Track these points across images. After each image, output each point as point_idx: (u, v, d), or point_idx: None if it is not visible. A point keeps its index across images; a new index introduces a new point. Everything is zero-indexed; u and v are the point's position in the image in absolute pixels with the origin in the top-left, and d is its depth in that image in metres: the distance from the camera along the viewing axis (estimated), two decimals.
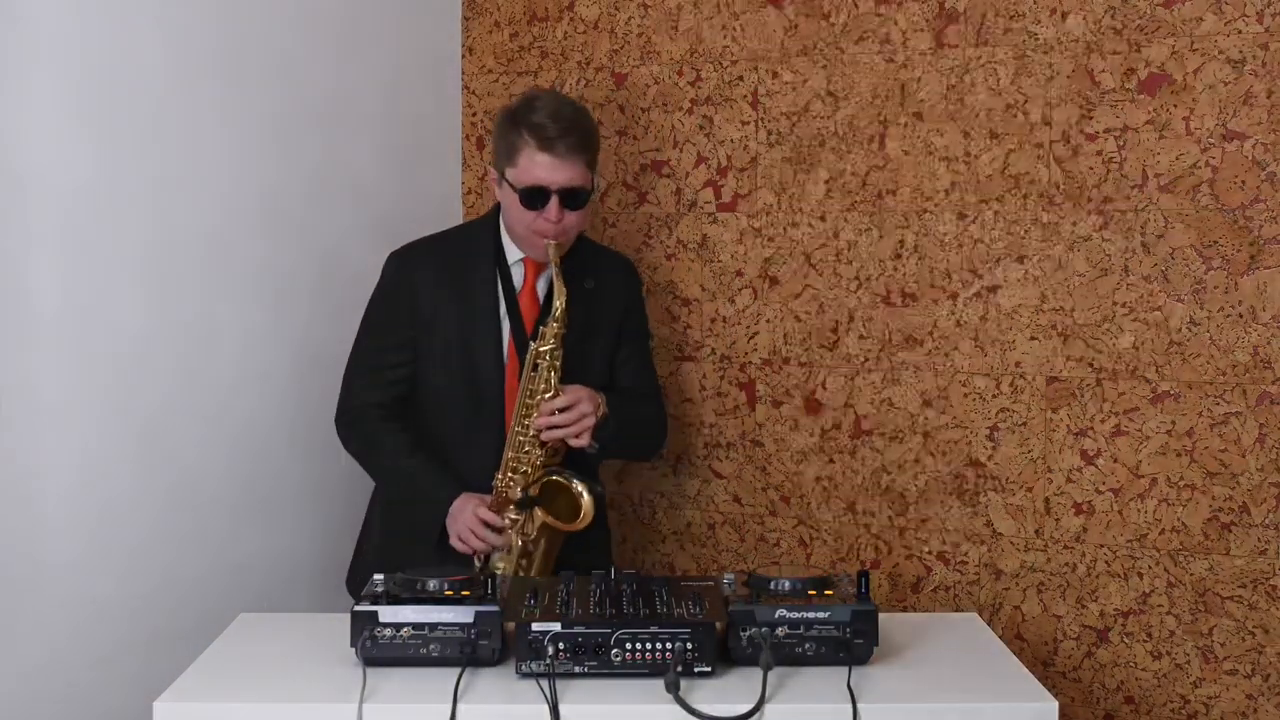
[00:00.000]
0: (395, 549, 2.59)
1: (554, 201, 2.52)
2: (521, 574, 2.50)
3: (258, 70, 2.73)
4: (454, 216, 3.29)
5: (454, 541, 2.53)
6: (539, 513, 2.50)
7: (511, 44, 3.26)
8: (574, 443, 2.52)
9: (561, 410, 2.50)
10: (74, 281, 2.37)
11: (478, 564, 2.52)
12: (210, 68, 2.62)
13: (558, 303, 2.51)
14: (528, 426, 2.52)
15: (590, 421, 2.52)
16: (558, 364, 2.52)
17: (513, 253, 2.65)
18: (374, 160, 3.06)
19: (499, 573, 2.39)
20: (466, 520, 2.51)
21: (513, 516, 2.50)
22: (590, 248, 2.78)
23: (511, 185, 2.56)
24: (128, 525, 2.48)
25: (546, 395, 2.52)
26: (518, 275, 2.66)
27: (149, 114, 2.49)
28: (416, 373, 2.67)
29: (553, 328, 2.51)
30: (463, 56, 3.32)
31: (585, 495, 2.53)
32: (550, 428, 2.50)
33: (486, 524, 2.49)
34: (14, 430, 2.27)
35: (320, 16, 2.90)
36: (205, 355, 2.63)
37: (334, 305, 2.91)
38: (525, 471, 2.52)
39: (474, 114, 3.31)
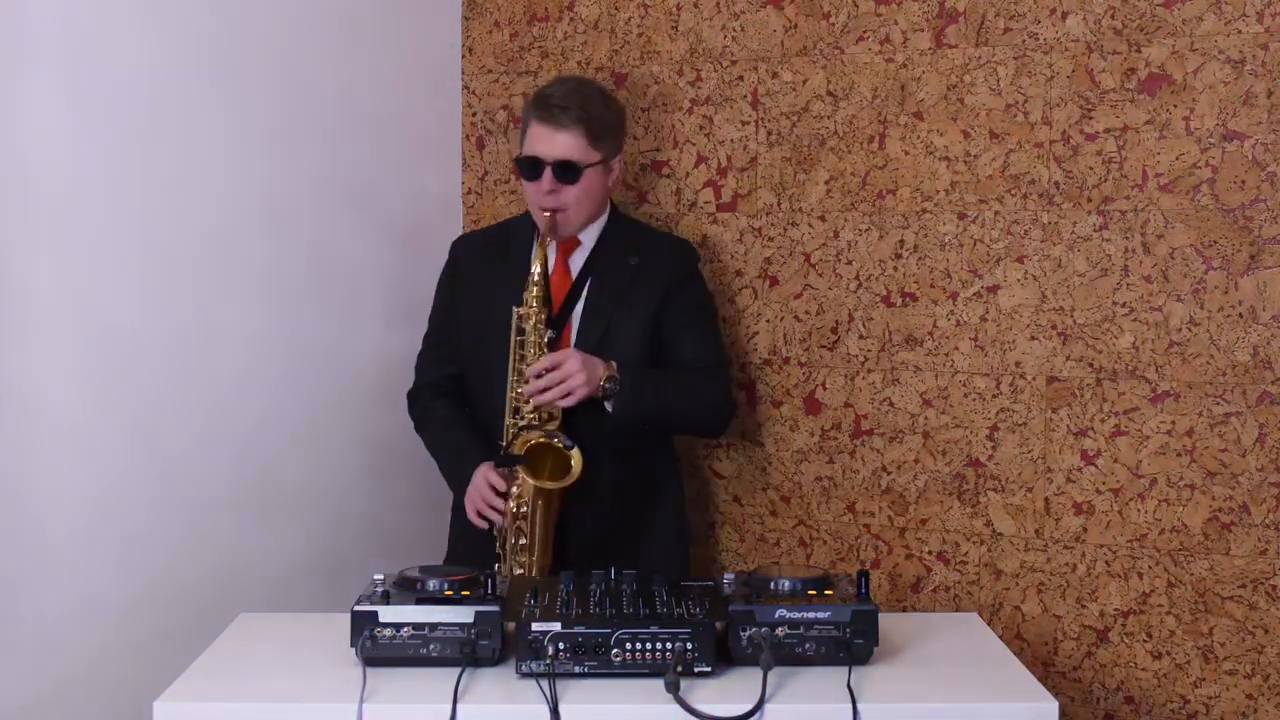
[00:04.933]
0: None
1: (547, 172, 2.58)
2: (522, 538, 2.55)
3: (258, 70, 2.73)
4: (454, 216, 3.29)
5: (469, 513, 2.61)
6: (522, 473, 2.53)
7: (511, 44, 3.26)
8: (561, 403, 2.53)
9: (545, 372, 2.52)
10: (73, 281, 2.37)
11: (495, 534, 2.60)
12: (210, 67, 2.62)
13: (534, 269, 2.56)
14: (520, 393, 2.57)
15: (577, 381, 2.51)
16: (541, 327, 2.56)
17: None
18: (374, 160, 3.06)
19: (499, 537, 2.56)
20: (477, 485, 2.59)
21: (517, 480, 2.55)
22: (644, 231, 2.86)
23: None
24: (127, 525, 2.48)
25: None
26: (552, 255, 2.71)
27: (149, 114, 2.49)
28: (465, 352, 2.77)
29: (533, 291, 2.56)
30: (463, 56, 3.31)
31: (572, 451, 2.55)
32: (538, 391, 2.53)
33: (492, 487, 2.55)
34: (12, 430, 2.27)
35: (320, 16, 2.90)
36: (205, 355, 2.63)
37: (334, 305, 2.91)
38: (521, 435, 2.56)
39: (474, 114, 3.31)
